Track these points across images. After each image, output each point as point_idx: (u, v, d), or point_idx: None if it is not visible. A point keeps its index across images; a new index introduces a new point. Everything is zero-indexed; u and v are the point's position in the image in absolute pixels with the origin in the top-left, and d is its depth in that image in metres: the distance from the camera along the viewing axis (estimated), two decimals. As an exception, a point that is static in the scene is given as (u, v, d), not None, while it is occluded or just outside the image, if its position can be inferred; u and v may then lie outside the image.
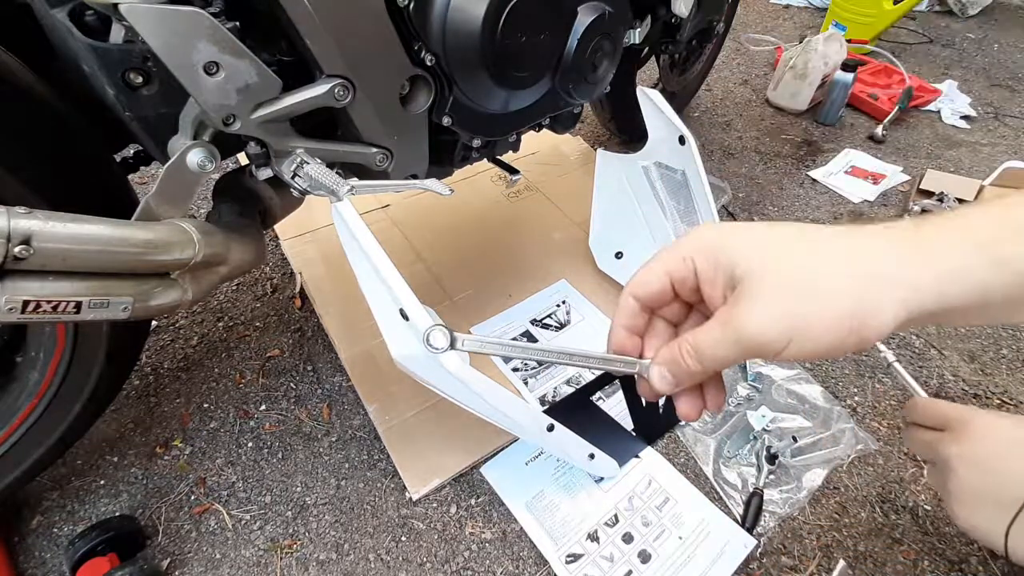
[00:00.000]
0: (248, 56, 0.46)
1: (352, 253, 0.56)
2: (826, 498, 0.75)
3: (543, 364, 0.85)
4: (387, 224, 1.10)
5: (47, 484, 0.73)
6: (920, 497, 0.75)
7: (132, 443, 0.77)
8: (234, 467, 0.76)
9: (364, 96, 0.54)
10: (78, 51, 0.45)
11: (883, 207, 1.24)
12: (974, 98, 1.63)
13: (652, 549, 0.68)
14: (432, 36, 0.55)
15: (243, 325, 0.94)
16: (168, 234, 0.50)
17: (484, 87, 0.61)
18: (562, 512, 0.71)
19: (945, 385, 0.89)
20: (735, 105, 1.60)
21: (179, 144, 0.50)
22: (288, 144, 0.54)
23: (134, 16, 0.40)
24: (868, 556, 0.69)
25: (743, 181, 1.31)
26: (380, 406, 0.80)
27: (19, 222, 0.40)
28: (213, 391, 0.84)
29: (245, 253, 0.59)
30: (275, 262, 1.05)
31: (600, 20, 0.65)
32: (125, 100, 0.47)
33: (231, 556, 0.67)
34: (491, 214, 1.14)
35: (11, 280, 0.42)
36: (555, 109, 0.75)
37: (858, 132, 1.49)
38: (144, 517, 0.70)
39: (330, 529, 0.70)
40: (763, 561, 0.69)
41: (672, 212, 0.89)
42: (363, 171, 0.62)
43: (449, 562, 0.68)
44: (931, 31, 2.03)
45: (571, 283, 1.00)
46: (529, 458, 0.76)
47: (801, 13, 2.15)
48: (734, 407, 0.84)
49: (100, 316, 0.47)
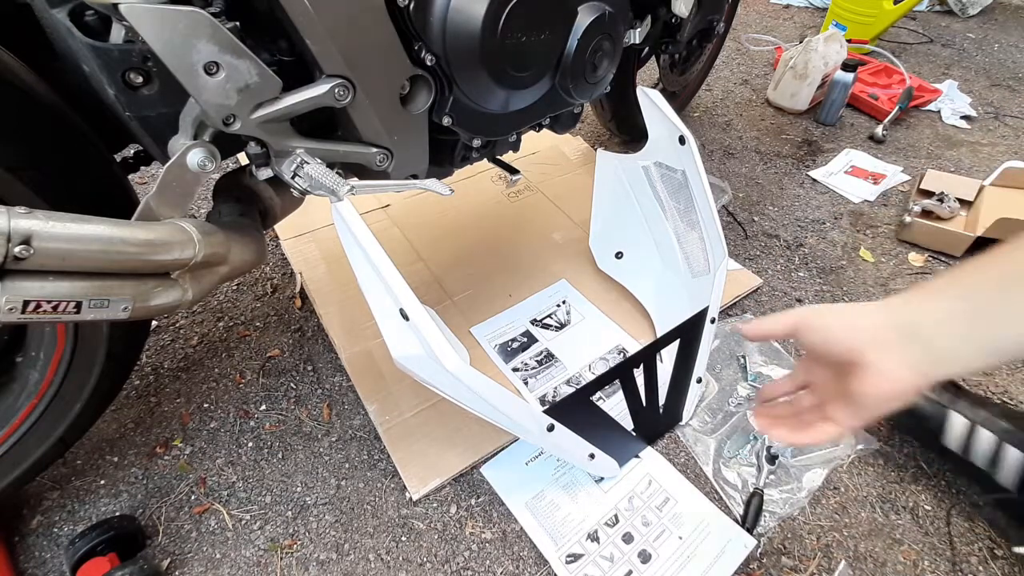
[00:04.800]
0: (248, 56, 0.46)
1: (352, 253, 0.56)
2: (826, 498, 0.75)
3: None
4: (387, 224, 1.10)
5: (47, 484, 0.73)
6: (920, 497, 0.75)
7: (132, 443, 0.77)
8: (234, 467, 0.76)
9: (364, 96, 0.54)
10: (78, 51, 0.45)
11: (883, 207, 1.24)
12: (974, 98, 1.63)
13: (652, 549, 0.68)
14: (432, 36, 0.55)
15: (243, 325, 0.94)
16: (168, 234, 0.50)
17: (484, 87, 0.61)
18: (562, 512, 0.71)
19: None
20: (735, 105, 1.60)
21: (179, 144, 0.50)
22: (288, 144, 0.54)
23: (134, 16, 0.40)
24: (868, 556, 0.69)
25: (743, 181, 1.31)
26: (380, 406, 0.80)
27: (19, 222, 0.40)
28: (213, 391, 0.84)
29: (245, 253, 0.59)
30: (275, 262, 1.05)
31: (600, 20, 0.65)
32: (125, 100, 0.47)
33: (231, 556, 0.67)
34: (491, 214, 1.14)
35: (11, 280, 0.42)
36: (555, 109, 0.75)
37: (858, 132, 1.49)
38: (144, 517, 0.70)
39: (330, 529, 0.70)
40: (763, 561, 0.69)
41: (672, 212, 0.89)
42: (363, 171, 0.62)
43: (449, 562, 0.68)
44: (931, 31, 2.03)
45: (571, 283, 1.00)
46: (529, 458, 0.76)
47: (801, 13, 2.15)
48: (734, 407, 0.84)
49: (100, 316, 0.47)
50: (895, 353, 0.41)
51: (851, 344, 0.43)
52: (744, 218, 1.20)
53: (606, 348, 0.90)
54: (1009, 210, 1.06)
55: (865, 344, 0.42)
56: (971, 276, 0.41)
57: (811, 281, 1.06)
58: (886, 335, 0.42)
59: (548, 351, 0.89)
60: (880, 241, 1.17)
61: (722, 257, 0.77)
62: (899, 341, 0.41)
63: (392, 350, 0.57)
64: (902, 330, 0.42)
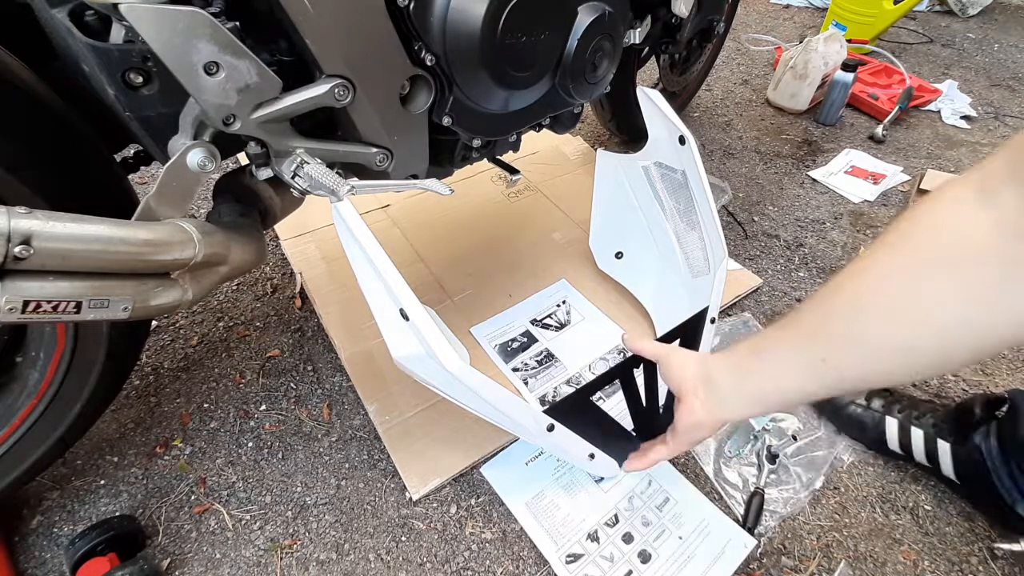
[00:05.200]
0: (248, 56, 0.46)
1: (352, 253, 0.56)
2: (826, 498, 0.75)
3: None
4: (387, 224, 1.10)
5: (47, 484, 0.73)
6: (920, 497, 0.75)
7: (132, 443, 0.77)
8: (234, 467, 0.76)
9: (364, 96, 0.54)
10: (78, 51, 0.45)
11: (883, 207, 1.24)
12: (974, 98, 1.63)
13: (652, 549, 0.68)
14: (432, 36, 0.55)
15: (243, 325, 0.94)
16: (168, 234, 0.50)
17: (484, 87, 0.61)
18: (562, 512, 0.71)
19: (945, 385, 0.89)
20: (735, 105, 1.60)
21: (179, 144, 0.50)
22: (288, 144, 0.54)
23: (134, 16, 0.40)
24: (868, 556, 0.69)
25: (743, 181, 1.31)
26: (380, 406, 0.80)
27: (19, 222, 0.40)
28: (213, 391, 0.84)
29: (245, 253, 0.59)
30: (275, 262, 1.05)
31: (600, 20, 0.65)
32: (125, 100, 0.47)
33: (231, 556, 0.67)
34: (491, 214, 1.14)
35: (11, 280, 0.42)
36: (555, 109, 0.75)
37: (858, 132, 1.49)
38: (144, 517, 0.70)
39: (330, 529, 0.70)
40: (763, 561, 0.68)
41: (672, 212, 0.89)
42: (363, 171, 0.62)
43: (449, 562, 0.67)
44: (931, 31, 2.03)
45: (571, 283, 1.00)
46: (529, 458, 0.76)
47: (801, 13, 2.15)
48: (734, 407, 0.84)
49: (100, 316, 0.47)
50: (699, 396, 0.55)
51: (678, 384, 0.57)
52: (744, 218, 1.20)
53: (606, 348, 0.90)
54: (1009, 210, 1.06)
55: (684, 385, 0.56)
56: (746, 340, 0.53)
57: (811, 281, 1.06)
58: (695, 383, 0.55)
59: (548, 351, 0.89)
60: (880, 241, 1.16)
61: (722, 257, 0.77)
62: (703, 388, 0.55)
63: (392, 350, 0.57)
64: (704, 379, 0.55)
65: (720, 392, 0.53)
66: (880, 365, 0.41)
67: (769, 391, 0.49)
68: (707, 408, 0.54)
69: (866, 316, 0.41)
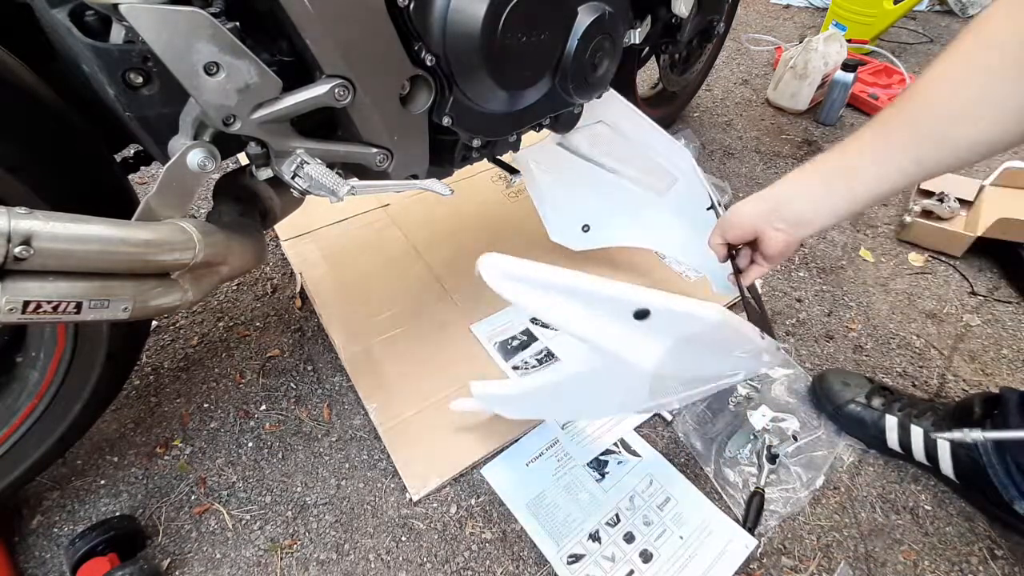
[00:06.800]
0: (248, 56, 0.46)
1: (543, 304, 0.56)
2: (826, 498, 0.75)
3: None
4: (387, 224, 1.10)
5: (47, 484, 0.73)
6: (920, 497, 0.75)
7: (132, 443, 0.77)
8: (234, 467, 0.76)
9: (364, 96, 0.54)
10: (78, 51, 0.45)
11: (883, 207, 1.24)
12: (974, 98, 1.63)
13: (653, 549, 0.68)
14: (432, 36, 0.55)
15: (243, 325, 0.94)
16: (168, 234, 0.50)
17: (484, 87, 0.61)
18: (563, 512, 0.71)
19: (946, 385, 0.89)
20: (735, 105, 1.60)
21: (179, 144, 0.50)
22: (288, 144, 0.54)
23: (134, 16, 0.40)
24: (868, 556, 0.69)
25: (743, 181, 1.31)
26: (380, 406, 0.80)
27: (19, 222, 0.40)
28: (213, 391, 0.84)
29: (245, 253, 0.59)
30: (275, 262, 1.05)
31: (600, 20, 0.65)
32: (125, 100, 0.47)
33: (231, 556, 0.67)
34: (491, 214, 1.14)
35: (11, 280, 0.42)
36: (555, 109, 0.75)
37: (858, 132, 1.49)
38: (144, 517, 0.70)
39: (330, 529, 0.70)
40: (763, 561, 0.69)
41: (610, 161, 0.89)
42: (363, 171, 0.62)
43: (449, 562, 0.68)
44: (931, 31, 2.03)
45: (571, 283, 0.99)
46: (530, 458, 0.76)
47: (801, 13, 2.15)
48: (734, 407, 0.84)
49: (100, 316, 0.47)
50: (778, 227, 0.61)
51: (751, 231, 0.63)
52: (744, 218, 1.20)
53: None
54: (1009, 210, 1.06)
55: (756, 223, 0.62)
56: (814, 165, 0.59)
57: (811, 281, 1.06)
58: (767, 219, 0.61)
59: (548, 350, 0.89)
60: (880, 241, 1.17)
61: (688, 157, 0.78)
62: (777, 219, 0.60)
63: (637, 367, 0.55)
64: (776, 211, 0.61)
65: (802, 216, 0.59)
66: (966, 158, 0.50)
67: (860, 201, 0.56)
68: (788, 233, 0.60)
69: (954, 120, 0.49)
